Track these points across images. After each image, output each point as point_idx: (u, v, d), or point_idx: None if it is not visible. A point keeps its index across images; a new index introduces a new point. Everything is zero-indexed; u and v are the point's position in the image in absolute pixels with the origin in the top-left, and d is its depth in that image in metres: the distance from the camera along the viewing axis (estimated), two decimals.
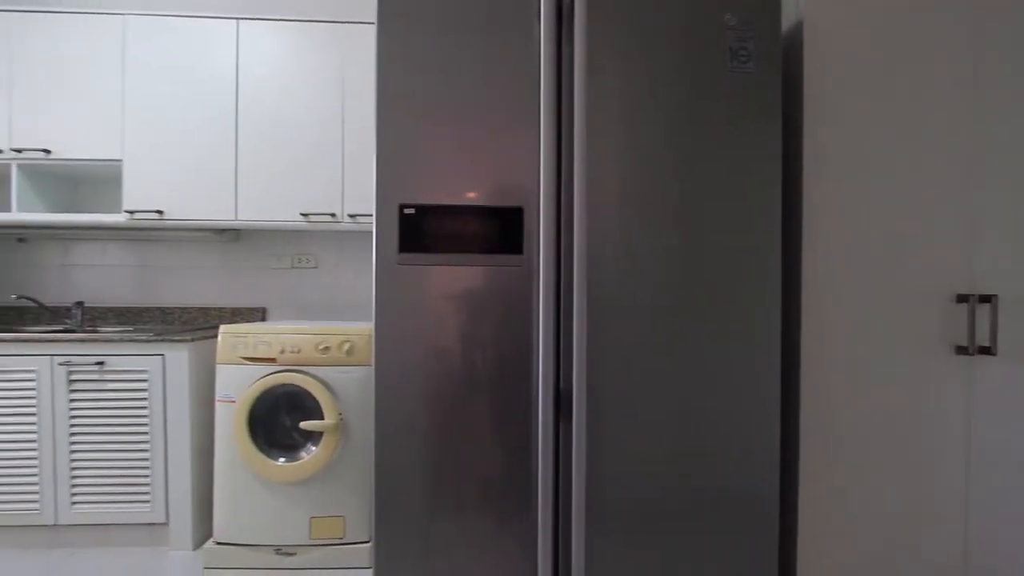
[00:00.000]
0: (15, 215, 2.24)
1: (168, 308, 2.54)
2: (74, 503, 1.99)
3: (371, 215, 2.19)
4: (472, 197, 1.12)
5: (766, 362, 1.15)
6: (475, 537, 1.14)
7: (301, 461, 1.87)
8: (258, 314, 2.54)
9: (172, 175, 2.22)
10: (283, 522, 1.90)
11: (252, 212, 2.23)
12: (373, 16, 2.22)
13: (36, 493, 1.98)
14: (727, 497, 1.15)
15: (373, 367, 1.06)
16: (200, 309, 2.54)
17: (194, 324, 2.50)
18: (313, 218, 2.22)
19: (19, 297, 2.38)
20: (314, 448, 1.88)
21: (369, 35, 2.23)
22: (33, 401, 1.98)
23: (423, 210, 1.10)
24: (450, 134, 1.12)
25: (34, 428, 1.98)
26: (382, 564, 1.13)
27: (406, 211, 1.10)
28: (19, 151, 2.20)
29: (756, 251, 1.15)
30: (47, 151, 2.21)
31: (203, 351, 2.07)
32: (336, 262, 2.56)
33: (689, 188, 1.14)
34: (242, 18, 2.22)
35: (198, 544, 2.03)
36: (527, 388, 1.12)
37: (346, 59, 2.23)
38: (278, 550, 1.91)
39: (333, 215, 2.23)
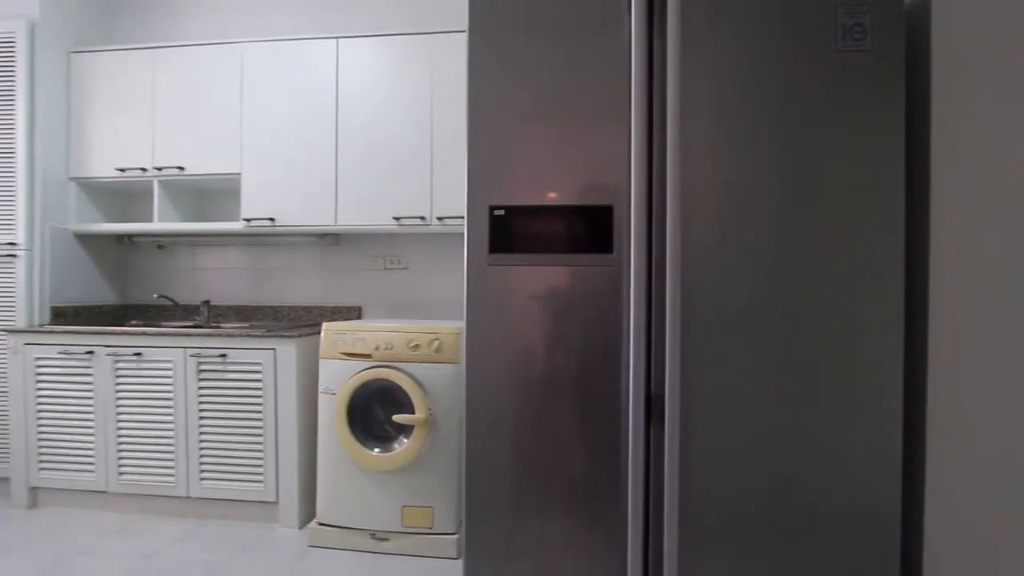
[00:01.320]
0: (156, 225, 2.57)
1: (278, 306, 2.79)
2: (202, 479, 2.24)
3: (458, 217, 2.28)
4: (561, 197, 1.12)
5: (885, 365, 1.04)
6: (561, 537, 1.13)
7: (394, 452, 1.98)
8: (354, 312, 2.71)
9: (281, 185, 2.44)
10: (378, 508, 2.02)
11: (350, 217, 2.39)
12: (461, 25, 2.30)
13: (172, 468, 2.26)
14: (840, 514, 1.05)
15: (464, 366, 1.09)
16: (304, 308, 2.76)
17: (299, 321, 2.72)
18: (404, 222, 2.34)
19: (159, 296, 2.73)
20: (406, 440, 1.98)
21: (457, 44, 2.31)
22: (170, 386, 2.26)
23: (512, 211, 1.12)
24: (539, 134, 1.12)
25: (171, 410, 2.26)
26: (472, 557, 1.16)
27: (496, 212, 1.12)
28: (160, 169, 2.52)
29: (873, 247, 1.04)
30: (181, 168, 2.51)
31: (308, 346, 2.25)
32: (425, 263, 2.68)
33: (793, 182, 1.06)
34: (341, 37, 2.39)
35: (303, 523, 2.21)
36: (615, 390, 1.10)
37: (435, 69, 2.32)
38: (373, 535, 2.03)
39: (423, 218, 2.33)
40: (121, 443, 2.28)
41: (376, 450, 2.00)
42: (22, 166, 2.45)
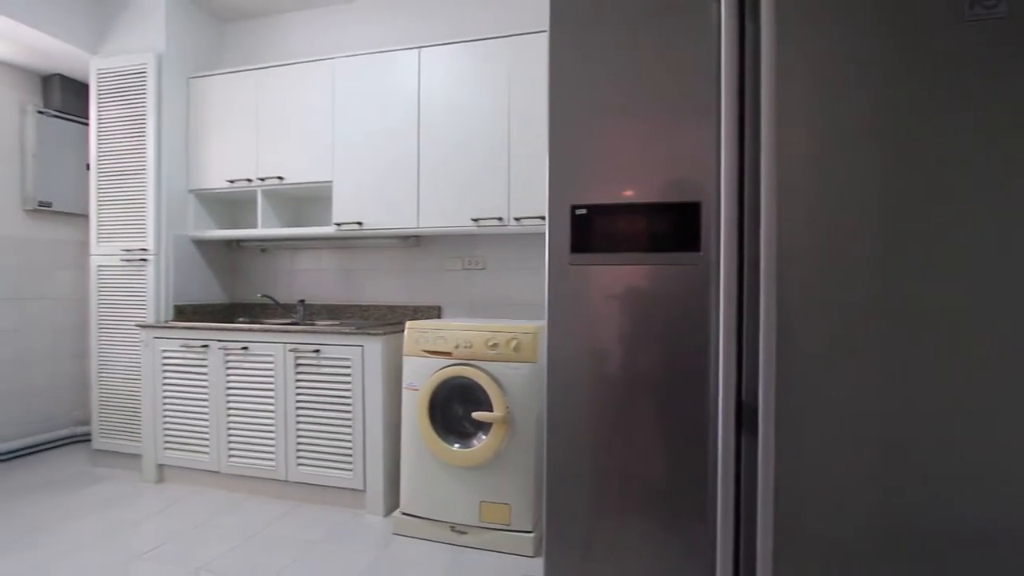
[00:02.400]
0: (260, 231, 2.81)
1: (364, 305, 2.95)
2: (299, 464, 2.42)
3: (535, 217, 2.29)
4: (644, 194, 1.09)
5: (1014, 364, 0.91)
6: (640, 540, 1.11)
7: (473, 448, 2.02)
8: (434, 311, 2.81)
9: (368, 191, 2.58)
10: (457, 502, 2.07)
11: (431, 220, 2.48)
12: (539, 25, 2.31)
13: (273, 453, 2.46)
14: (975, 539, 0.94)
15: (541, 365, 1.09)
16: (388, 307, 2.90)
17: (384, 319, 2.86)
18: (482, 223, 2.39)
19: (262, 296, 2.99)
20: (484, 437, 2.02)
21: (534, 45, 2.32)
22: (272, 378, 2.46)
23: (594, 210, 1.11)
24: (622, 131, 1.10)
25: (272, 400, 2.46)
26: (552, 557, 1.16)
27: (578, 211, 1.11)
28: (263, 180, 2.76)
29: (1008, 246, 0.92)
30: (281, 178, 2.73)
31: (392, 343, 2.36)
32: (502, 263, 2.71)
33: (905, 174, 0.96)
34: (423, 46, 2.48)
35: (388, 511, 2.32)
36: (701, 394, 1.06)
37: (513, 72, 2.35)
38: (453, 527, 2.09)
39: (500, 219, 2.36)
40: (231, 428, 2.52)
41: (456, 445, 2.06)
42: (151, 181, 2.78)
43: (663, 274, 1.07)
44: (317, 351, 2.37)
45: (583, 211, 1.10)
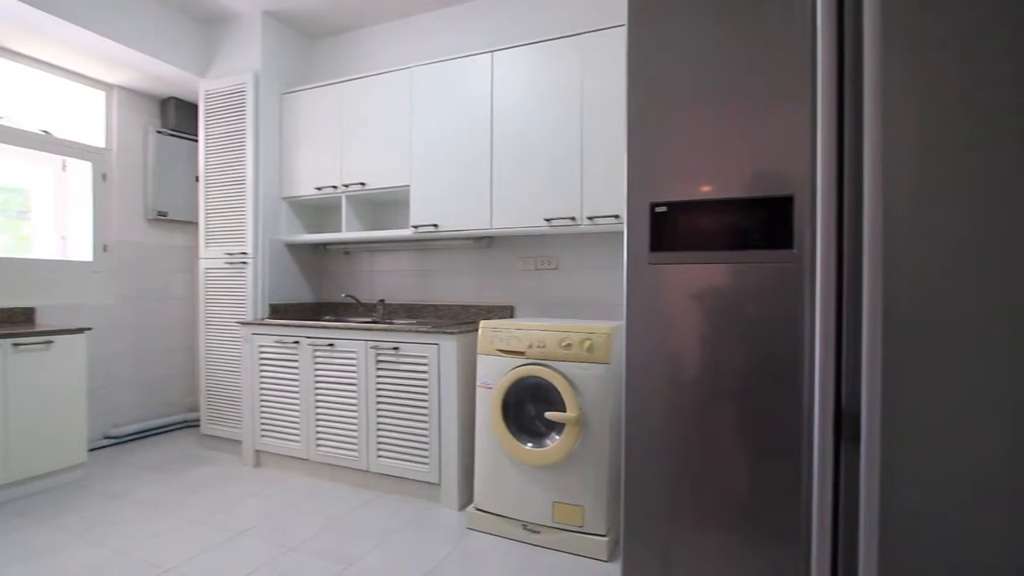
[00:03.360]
0: (344, 234, 2.98)
1: (439, 305, 3.04)
2: (378, 456, 2.54)
3: (609, 216, 2.26)
4: (728, 189, 1.04)
5: None
6: (720, 553, 1.05)
7: (546, 448, 2.02)
8: (507, 311, 2.84)
9: (444, 194, 2.66)
10: (530, 501, 2.09)
11: (504, 220, 2.51)
12: (612, 20, 2.27)
13: (356, 444, 2.60)
14: None
15: (616, 366, 1.07)
16: (461, 306, 2.97)
17: (457, 318, 2.94)
18: (555, 222, 2.39)
19: (346, 296, 3.17)
20: (557, 437, 2.01)
21: (608, 41, 2.28)
22: (355, 373, 2.60)
23: (675, 207, 1.07)
24: (704, 124, 1.06)
25: (355, 394, 2.60)
26: (629, 563, 1.13)
27: (657, 209, 1.08)
28: (347, 186, 2.93)
29: None
30: (363, 184, 2.88)
31: (466, 342, 2.42)
32: (574, 263, 2.70)
33: None
34: (496, 50, 2.52)
35: (462, 505, 2.37)
36: (793, 401, 0.99)
37: (586, 70, 2.33)
38: (525, 525, 2.10)
39: (573, 219, 2.35)
40: (318, 419, 2.70)
41: (529, 444, 2.07)
42: (250, 190, 3.03)
43: (751, 273, 1.02)
44: (396, 348, 2.48)
45: (663, 208, 1.07)
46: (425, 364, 2.42)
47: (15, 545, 2.02)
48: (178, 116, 3.57)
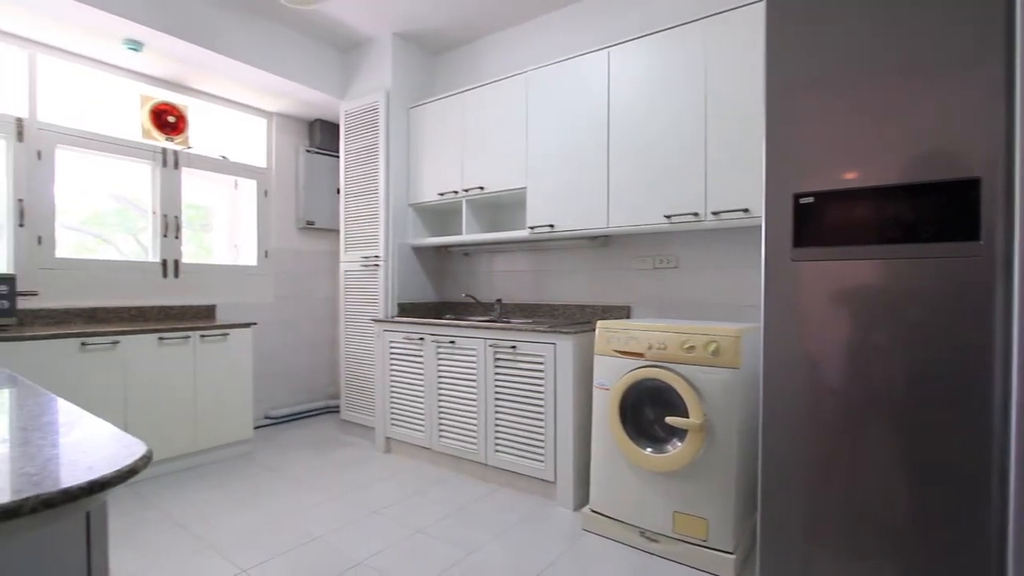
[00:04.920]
0: (464, 236, 3.13)
1: (555, 304, 3.07)
2: (496, 450, 2.63)
3: (737, 211, 2.11)
4: (889, 174, 0.92)
5: None
6: None
7: (667, 454, 1.94)
8: (623, 311, 2.78)
9: (559, 194, 2.68)
10: (648, 508, 2.02)
11: (621, 219, 2.46)
12: (737, 0, 2.12)
13: (475, 437, 2.71)
14: None
15: (750, 372, 0.99)
16: (577, 306, 2.97)
17: (573, 318, 2.94)
18: (675, 219, 2.29)
19: (466, 295, 3.33)
20: (679, 444, 1.93)
21: (734, 22, 2.13)
22: (474, 369, 2.71)
23: (824, 197, 0.97)
24: (857, 103, 0.94)
25: (475, 389, 2.71)
26: None
27: (802, 200, 0.98)
28: (467, 190, 3.07)
29: None
30: (482, 188, 3.01)
31: (583, 342, 2.41)
32: (695, 261, 2.56)
33: None
34: (612, 45, 2.48)
35: (577, 506, 2.36)
36: (975, 420, 0.84)
37: (709, 56, 2.20)
38: (643, 532, 2.03)
39: (696, 214, 2.23)
40: (441, 411, 2.86)
41: (648, 449, 2.00)
42: (382, 198, 3.32)
43: (916, 269, 0.89)
44: (513, 347, 2.55)
45: (809, 199, 0.97)
46: (541, 363, 2.45)
47: (198, 504, 2.41)
48: (322, 135, 4.02)
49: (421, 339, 2.94)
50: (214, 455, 2.97)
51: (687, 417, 1.89)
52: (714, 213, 2.18)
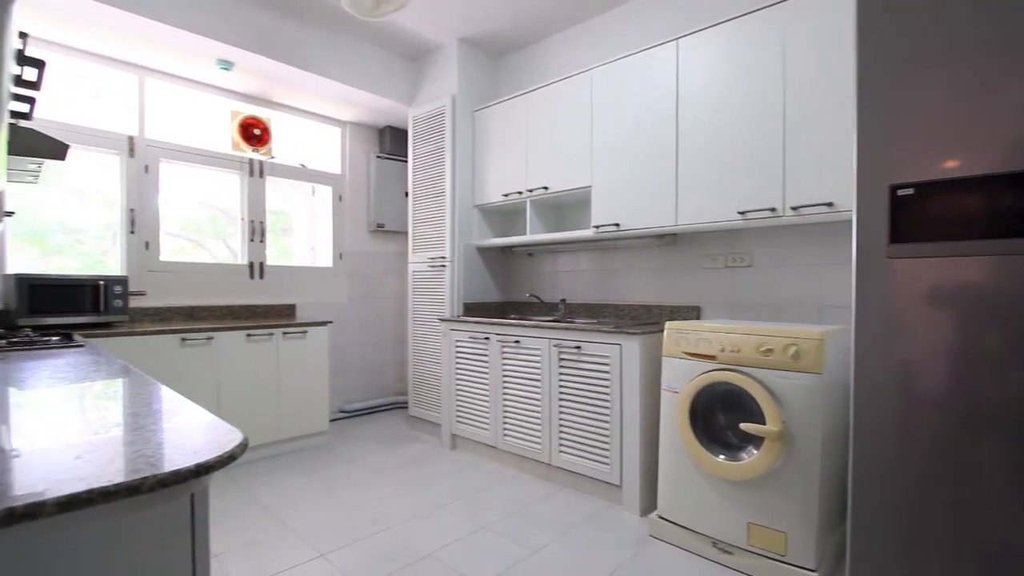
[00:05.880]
0: (528, 237, 3.14)
1: (620, 305, 3.01)
2: (561, 451, 2.61)
3: (819, 205, 1.98)
4: (1002, 161, 0.82)
5: None
6: None
7: (741, 462, 1.85)
8: (693, 312, 2.68)
9: (625, 192, 2.62)
10: (720, 517, 1.93)
11: (690, 216, 2.37)
12: None
13: (539, 437, 2.71)
14: None
15: (835, 379, 0.92)
16: (643, 306, 2.90)
17: (639, 319, 2.87)
18: (750, 215, 2.17)
19: (530, 295, 3.34)
20: (755, 451, 1.83)
21: (814, 5, 2.00)
22: (538, 369, 2.72)
23: (927, 188, 0.88)
24: (960, 81, 0.85)
25: (539, 389, 2.72)
26: None
27: (900, 192, 0.90)
28: (531, 191, 3.08)
29: None
30: (546, 188, 3.00)
31: (650, 343, 2.35)
32: (771, 259, 2.42)
33: None
34: (681, 36, 2.40)
35: (644, 511, 2.31)
36: None
37: (787, 42, 2.07)
38: (715, 543, 1.95)
39: (772, 210, 2.11)
40: (505, 410, 2.89)
41: (721, 456, 1.92)
42: (448, 201, 3.40)
43: None
44: (578, 347, 2.52)
45: (908, 191, 0.89)
46: (607, 364, 2.41)
47: (281, 490, 2.58)
48: (392, 141, 4.18)
49: (486, 338, 2.98)
50: (295, 445, 3.16)
51: (763, 424, 1.79)
52: (793, 208, 2.05)
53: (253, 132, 3.50)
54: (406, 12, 3.08)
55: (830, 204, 1.95)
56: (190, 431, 0.78)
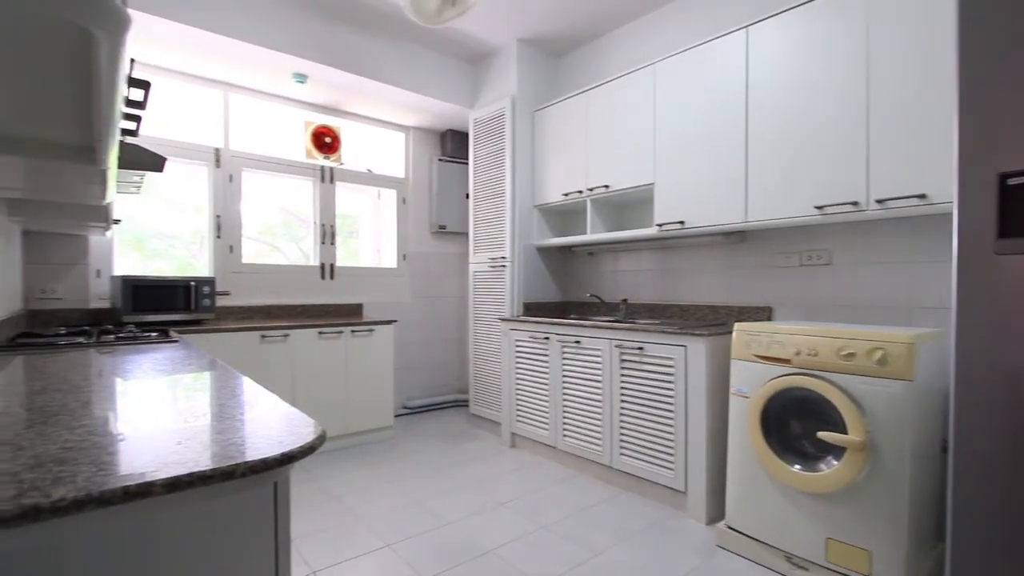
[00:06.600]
0: (589, 236, 3.11)
1: (684, 305, 2.91)
2: (622, 453, 2.57)
3: (909, 197, 1.82)
4: None
5: None
6: None
7: (820, 473, 1.74)
8: (764, 313, 2.55)
9: (689, 188, 2.54)
10: (794, 530, 1.82)
11: (761, 212, 2.25)
12: None
13: (600, 439, 2.68)
14: None
15: (952, 388, 0.84)
16: (709, 307, 2.79)
17: (705, 320, 2.76)
18: (829, 210, 2.03)
19: (591, 295, 3.30)
20: (835, 462, 1.71)
21: None
22: (599, 370, 2.68)
23: None
24: None
25: (599, 390, 2.68)
26: None
27: (1011, 181, 0.81)
28: (591, 190, 3.05)
29: None
30: (607, 186, 2.96)
31: (717, 345, 2.25)
32: (852, 257, 2.26)
33: None
34: (751, 24, 2.29)
35: (711, 520, 2.22)
36: None
37: (872, 20, 1.92)
38: (789, 558, 1.84)
39: (855, 203, 1.96)
40: (565, 410, 2.87)
41: (796, 466, 1.81)
42: (508, 201, 3.42)
43: None
44: (640, 348, 2.47)
45: (1020, 180, 0.80)
46: (671, 366, 2.34)
47: (350, 481, 2.70)
48: (453, 144, 4.27)
49: (546, 338, 2.98)
50: (361, 438, 3.30)
51: (844, 433, 1.67)
52: (879, 201, 1.90)
53: (324, 140, 3.69)
54: (466, 16, 3.14)
55: (922, 196, 1.79)
56: (272, 421, 0.83)
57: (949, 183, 1.73)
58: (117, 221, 2.54)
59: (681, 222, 2.56)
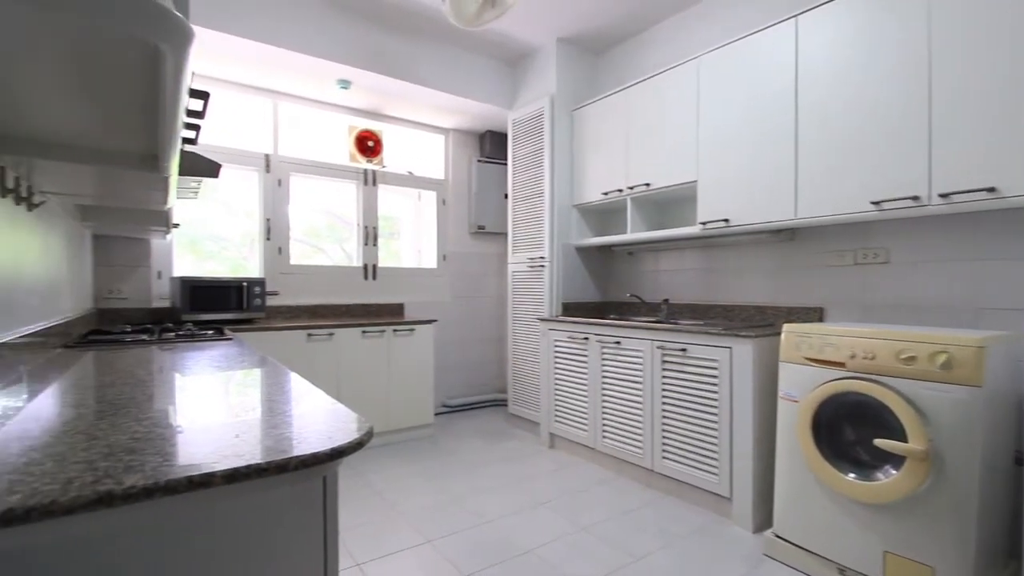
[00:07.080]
0: (629, 235, 3.07)
1: (728, 305, 2.83)
2: (663, 457, 2.51)
3: (977, 191, 1.71)
4: None
5: None
6: None
7: (877, 482, 1.65)
8: (814, 314, 2.44)
9: (735, 185, 2.46)
10: (848, 542, 1.74)
11: (812, 208, 2.16)
12: None
13: (641, 442, 2.63)
14: None
15: (1002, 393, 0.78)
16: (756, 307, 2.69)
17: (750, 321, 2.67)
18: (886, 205, 1.93)
19: (631, 295, 3.25)
20: (893, 472, 1.62)
21: None
22: (640, 371, 2.64)
23: None
24: None
25: (640, 392, 2.64)
26: None
27: None
28: (632, 188, 3.00)
29: None
30: (648, 184, 2.91)
31: (765, 347, 2.17)
32: (911, 255, 2.13)
33: None
34: (801, 13, 2.19)
35: (757, 528, 2.14)
36: None
37: (933, 5, 1.81)
38: (842, 570, 1.76)
39: (916, 198, 1.85)
40: (604, 412, 2.84)
41: (851, 475, 1.73)
42: (547, 201, 3.42)
43: None
44: (683, 350, 2.41)
45: None
46: (715, 368, 2.28)
47: (392, 478, 2.75)
48: (491, 145, 4.30)
49: (585, 339, 2.95)
50: (403, 435, 3.37)
51: (904, 441, 1.58)
52: (942, 195, 1.78)
53: (367, 144, 3.78)
54: (505, 17, 3.15)
55: (992, 189, 1.67)
56: (321, 417, 0.86)
57: (1022, 176, 1.61)
58: (176, 225, 2.69)
59: (726, 220, 2.49)
